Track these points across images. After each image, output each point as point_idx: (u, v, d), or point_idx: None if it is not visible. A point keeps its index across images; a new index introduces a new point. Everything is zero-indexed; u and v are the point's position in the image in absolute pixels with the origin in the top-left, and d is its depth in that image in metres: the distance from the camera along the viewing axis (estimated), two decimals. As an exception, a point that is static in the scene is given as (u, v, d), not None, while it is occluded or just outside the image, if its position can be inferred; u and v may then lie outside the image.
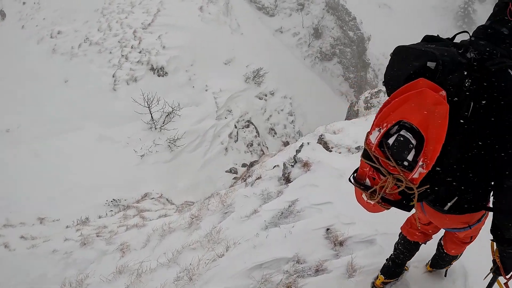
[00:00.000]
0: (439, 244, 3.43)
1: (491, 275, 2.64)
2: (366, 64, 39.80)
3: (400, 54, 2.29)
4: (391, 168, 2.17)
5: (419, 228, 3.16)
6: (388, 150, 2.14)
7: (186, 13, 28.72)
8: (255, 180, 8.02)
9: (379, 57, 43.46)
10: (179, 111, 22.34)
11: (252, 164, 14.56)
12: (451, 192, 2.37)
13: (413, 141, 2.04)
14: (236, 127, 25.06)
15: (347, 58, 38.76)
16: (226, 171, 22.17)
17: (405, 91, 2.04)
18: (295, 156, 7.42)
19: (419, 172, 2.10)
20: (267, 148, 26.45)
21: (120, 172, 18.87)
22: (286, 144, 27.97)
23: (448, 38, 2.44)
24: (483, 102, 2.09)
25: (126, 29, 26.85)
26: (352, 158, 7.39)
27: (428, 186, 2.21)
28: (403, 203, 2.29)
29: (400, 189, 2.21)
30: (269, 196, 6.69)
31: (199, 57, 26.25)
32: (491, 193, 2.37)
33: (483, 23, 2.48)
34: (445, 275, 3.74)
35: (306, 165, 6.95)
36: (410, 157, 2.08)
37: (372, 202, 2.42)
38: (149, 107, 20.99)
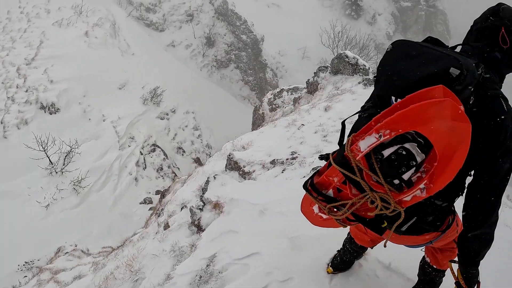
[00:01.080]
0: (423, 264, 3.07)
1: None
2: (264, 65, 40.10)
3: (409, 50, 1.90)
4: (374, 184, 1.83)
5: (368, 232, 2.90)
6: (376, 163, 1.79)
7: (71, 41, 27.18)
8: (164, 228, 7.39)
9: (275, 56, 43.93)
10: (78, 148, 21.03)
11: (163, 195, 14.04)
12: (410, 213, 2.08)
13: (418, 158, 1.71)
14: (142, 153, 24.13)
15: (244, 62, 38.86)
16: (140, 203, 21.31)
17: (423, 98, 1.64)
18: (202, 197, 6.25)
19: (413, 196, 1.79)
20: (178, 168, 25.87)
21: (26, 230, 17.27)
22: (196, 160, 27.54)
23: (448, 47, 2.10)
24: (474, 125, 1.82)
25: (8, 67, 24.61)
26: (272, 184, 6.41)
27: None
28: (376, 224, 2.04)
29: (382, 211, 1.87)
30: (182, 252, 5.70)
31: (91, 86, 24.96)
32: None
33: (373, 9, 2.20)
34: None
35: (217, 206, 5.86)
36: (406, 175, 1.76)
37: (324, 216, 2.18)
38: (45, 151, 19.54)
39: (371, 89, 11.97)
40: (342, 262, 3.49)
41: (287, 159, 7.79)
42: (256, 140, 9.52)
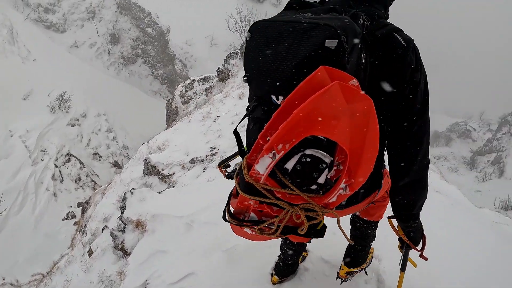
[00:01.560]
0: (353, 218, 2.91)
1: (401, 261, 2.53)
2: (172, 57, 39.53)
3: (271, 33, 1.57)
4: (291, 197, 1.59)
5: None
6: (284, 177, 1.54)
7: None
8: (89, 255, 6.76)
9: (182, 46, 43.32)
10: (-14, 172, 19.77)
11: (84, 208, 13.56)
12: None
13: (327, 160, 1.48)
14: (56, 166, 23.18)
15: (151, 56, 38.12)
16: (63, 219, 20.49)
17: (306, 92, 1.35)
18: (121, 216, 5.58)
19: (338, 195, 1.59)
20: (97, 175, 25.08)
21: None
22: (115, 164, 26.80)
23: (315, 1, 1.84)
24: (378, 77, 1.73)
25: None
26: (194, 190, 5.78)
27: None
28: (312, 230, 1.76)
29: (312, 222, 1.67)
30: (111, 282, 5.16)
31: (-8, 100, 23.46)
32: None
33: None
34: (366, 273, 3.29)
35: (139, 225, 5.24)
36: (321, 179, 1.52)
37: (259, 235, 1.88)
38: (-50, 179, 18.26)
39: None
40: (285, 267, 3.20)
41: (206, 156, 7.56)
42: (172, 139, 9.24)
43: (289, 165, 1.50)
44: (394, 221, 2.37)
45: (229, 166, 2.35)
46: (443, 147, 44.56)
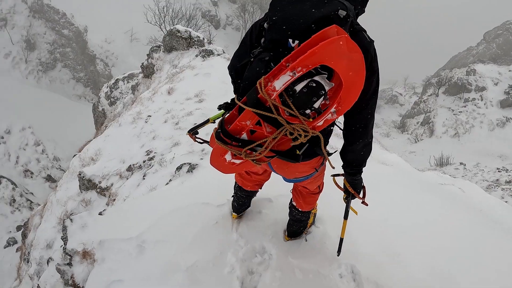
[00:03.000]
0: (291, 207, 3.52)
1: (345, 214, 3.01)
2: (92, 57, 38.19)
3: None
4: (288, 117, 2.05)
5: (251, 177, 3.34)
6: (289, 98, 2.01)
7: None
8: None
9: (102, 44, 41.89)
10: None
11: (24, 234, 12.82)
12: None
13: (327, 87, 2.01)
14: (-14, 191, 21.88)
15: (71, 59, 36.64)
16: (5, 247, 19.34)
17: (321, 38, 1.89)
18: (64, 248, 5.02)
19: (325, 119, 2.09)
20: (32, 193, 23.90)
21: None
22: (48, 178, 25.71)
23: None
24: None
25: None
26: (136, 205, 5.30)
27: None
28: (292, 153, 2.25)
29: (301, 139, 2.12)
30: None
31: None
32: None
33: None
34: (306, 240, 3.81)
35: (86, 255, 4.74)
36: (317, 104, 2.04)
37: (238, 162, 2.31)
38: None
39: (211, 60, 11.74)
40: (239, 206, 3.90)
41: (144, 162, 7.10)
42: (104, 147, 8.49)
43: (298, 87, 1.98)
44: (338, 180, 2.88)
45: (197, 133, 2.77)
46: (373, 114, 45.79)
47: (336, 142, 6.36)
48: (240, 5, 51.70)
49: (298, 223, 3.62)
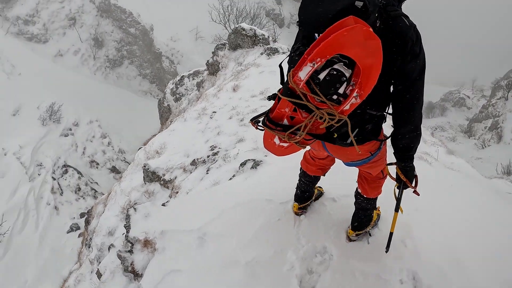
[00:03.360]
0: (356, 194, 3.58)
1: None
2: (158, 55, 39.12)
3: None
4: (318, 103, 2.24)
5: (315, 162, 3.54)
6: (315, 86, 2.19)
7: None
8: (98, 277, 6.26)
9: (168, 42, 42.87)
10: (-17, 194, 19.48)
11: (88, 221, 13.29)
12: (353, 125, 2.51)
13: (347, 74, 2.13)
14: (54, 178, 22.95)
15: (137, 56, 37.71)
16: (68, 232, 20.28)
17: (337, 29, 2.02)
18: (126, 236, 5.22)
19: (350, 104, 2.23)
20: (97, 183, 24.84)
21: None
22: (113, 169, 26.55)
23: None
24: (386, 42, 2.25)
25: None
26: (199, 198, 5.41)
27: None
28: (329, 135, 2.43)
29: (330, 123, 2.30)
30: None
31: (-19, 120, 23.11)
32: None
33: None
34: (368, 243, 3.81)
35: (147, 244, 4.86)
36: (341, 90, 2.19)
37: (285, 145, 2.57)
38: None
39: (276, 58, 11.72)
40: (302, 193, 3.95)
41: (208, 156, 7.12)
42: (169, 141, 8.63)
43: (321, 75, 2.14)
44: (391, 168, 3.04)
45: (259, 122, 2.82)
46: (439, 118, 44.18)
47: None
48: (304, 4, 51.34)
49: (364, 212, 3.65)
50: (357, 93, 2.19)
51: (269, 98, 2.68)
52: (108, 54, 36.74)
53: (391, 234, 3.23)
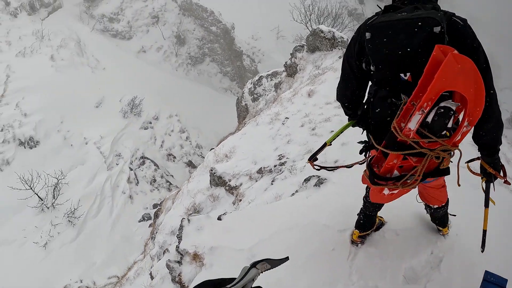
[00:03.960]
0: (425, 207, 3.58)
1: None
2: (239, 53, 39.37)
3: (387, 31, 2.27)
4: (429, 144, 2.24)
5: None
6: (424, 129, 2.20)
7: (38, 69, 26.24)
8: (151, 277, 6.39)
9: (249, 41, 43.16)
10: (64, 178, 20.43)
11: (156, 214, 13.48)
12: None
13: (454, 107, 2.13)
14: (131, 169, 23.62)
15: (218, 54, 38.16)
16: (139, 221, 20.82)
17: (433, 66, 2.04)
18: (177, 247, 5.24)
19: (462, 133, 2.26)
20: (172, 176, 25.32)
21: (27, 274, 16.58)
22: (189, 164, 26.99)
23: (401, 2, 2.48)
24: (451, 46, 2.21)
25: (-21, 110, 23.54)
26: (257, 215, 5.17)
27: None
28: (440, 170, 2.44)
29: (445, 159, 2.34)
30: None
31: (67, 110, 24.26)
32: None
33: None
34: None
35: (196, 258, 4.85)
36: (450, 124, 2.19)
37: (395, 192, 2.58)
38: (31, 188, 18.92)
39: None
40: (365, 218, 3.66)
41: (275, 166, 6.91)
42: (239, 145, 8.63)
43: (429, 118, 2.16)
44: (471, 165, 2.81)
45: (316, 159, 3.01)
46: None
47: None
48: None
49: (434, 220, 3.70)
50: (467, 121, 2.21)
51: (361, 151, 2.83)
52: (190, 51, 37.45)
53: (484, 232, 3.01)
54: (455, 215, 3.76)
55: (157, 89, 30.54)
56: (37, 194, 19.23)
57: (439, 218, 3.62)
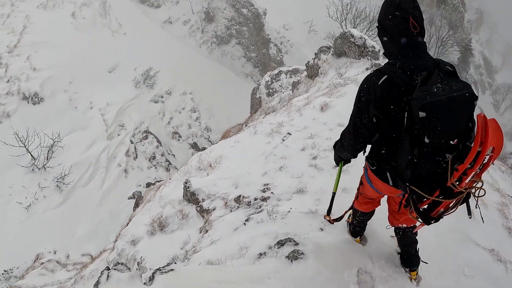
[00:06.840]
0: (402, 232, 3.64)
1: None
2: (267, 40, 38.29)
3: (443, 110, 2.43)
4: (467, 184, 2.61)
5: (375, 200, 3.67)
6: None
7: (57, 24, 25.72)
8: None
9: (279, 30, 41.96)
10: (61, 142, 19.88)
11: (137, 203, 12.68)
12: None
13: (486, 157, 2.56)
14: (132, 142, 22.97)
15: (246, 37, 37.20)
16: (129, 198, 20.10)
17: (482, 131, 2.46)
18: None
19: (483, 165, 2.60)
20: (174, 155, 24.56)
21: (6, 235, 16.29)
22: (193, 146, 26.21)
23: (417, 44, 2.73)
24: None
25: (-12, 57, 23.08)
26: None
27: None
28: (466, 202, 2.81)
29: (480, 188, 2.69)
30: None
31: (78, 71, 23.67)
32: None
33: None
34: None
35: None
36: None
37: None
38: (25, 146, 18.36)
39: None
40: (359, 227, 4.13)
41: (255, 199, 5.78)
42: (228, 155, 7.50)
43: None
44: None
45: (330, 212, 3.70)
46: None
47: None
48: (428, 17, 48.18)
49: (414, 245, 3.75)
50: (492, 161, 2.59)
51: (336, 220, 3.73)
52: (217, 30, 36.56)
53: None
54: (427, 263, 3.86)
55: (175, 63, 29.77)
56: (30, 153, 18.75)
57: (410, 252, 3.75)
